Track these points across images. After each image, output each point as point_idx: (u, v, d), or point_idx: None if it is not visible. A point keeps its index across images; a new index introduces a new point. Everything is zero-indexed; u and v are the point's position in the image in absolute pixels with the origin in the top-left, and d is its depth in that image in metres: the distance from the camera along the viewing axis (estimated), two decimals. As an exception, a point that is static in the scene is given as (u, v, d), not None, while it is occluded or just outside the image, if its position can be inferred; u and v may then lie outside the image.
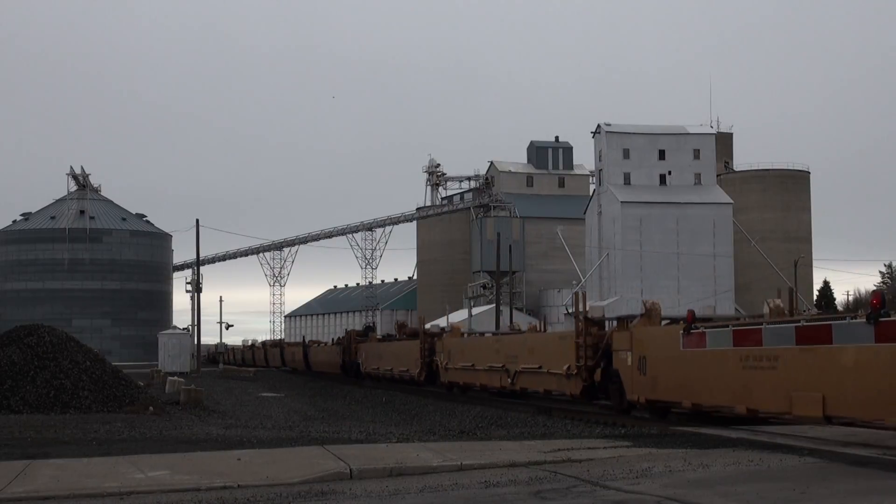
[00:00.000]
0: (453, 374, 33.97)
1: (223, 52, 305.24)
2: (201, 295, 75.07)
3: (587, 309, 24.24)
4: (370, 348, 48.37)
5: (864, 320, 14.01)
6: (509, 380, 28.65)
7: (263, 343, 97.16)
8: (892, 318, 13.63)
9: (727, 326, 18.01)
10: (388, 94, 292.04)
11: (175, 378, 39.52)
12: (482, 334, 37.18)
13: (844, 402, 14.54)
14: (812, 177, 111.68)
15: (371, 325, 79.31)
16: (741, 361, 17.03)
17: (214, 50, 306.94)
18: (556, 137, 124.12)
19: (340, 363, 52.38)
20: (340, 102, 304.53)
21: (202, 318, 74.94)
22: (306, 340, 75.46)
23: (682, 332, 19.16)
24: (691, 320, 18.89)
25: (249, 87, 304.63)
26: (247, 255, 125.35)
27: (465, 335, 36.84)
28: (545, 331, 33.24)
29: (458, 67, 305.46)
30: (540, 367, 26.54)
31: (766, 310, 18.20)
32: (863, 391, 14.13)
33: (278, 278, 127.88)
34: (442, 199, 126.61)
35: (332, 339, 65.59)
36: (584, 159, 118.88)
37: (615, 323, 23.60)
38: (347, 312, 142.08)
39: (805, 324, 15.61)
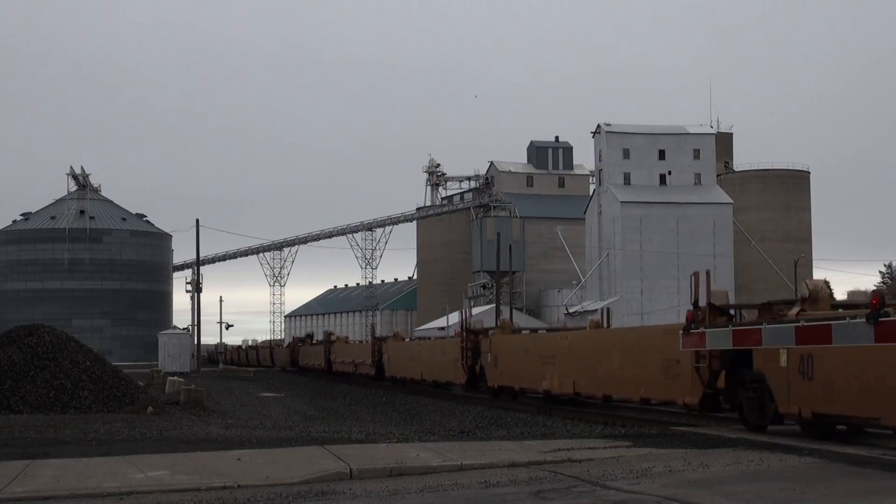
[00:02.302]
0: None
1: (224, 51, 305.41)
2: (201, 295, 75.15)
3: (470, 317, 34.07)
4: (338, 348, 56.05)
5: (864, 320, 14.01)
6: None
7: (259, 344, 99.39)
8: (892, 319, 13.63)
9: (728, 327, 17.99)
10: (389, 94, 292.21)
11: (175, 378, 39.52)
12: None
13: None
14: (812, 177, 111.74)
15: (310, 333, 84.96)
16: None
17: (215, 50, 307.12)
18: (556, 137, 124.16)
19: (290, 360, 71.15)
20: (340, 102, 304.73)
21: (202, 318, 75.03)
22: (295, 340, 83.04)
23: (680, 331, 19.17)
24: (691, 320, 18.93)
25: (250, 87, 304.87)
26: (247, 255, 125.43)
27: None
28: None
29: (459, 67, 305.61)
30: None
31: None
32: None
33: (278, 278, 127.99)
34: (442, 199, 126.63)
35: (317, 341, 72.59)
36: (584, 159, 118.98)
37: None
38: (347, 312, 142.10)
39: (804, 324, 15.59)
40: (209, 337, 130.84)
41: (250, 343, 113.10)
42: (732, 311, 18.84)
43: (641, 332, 24.08)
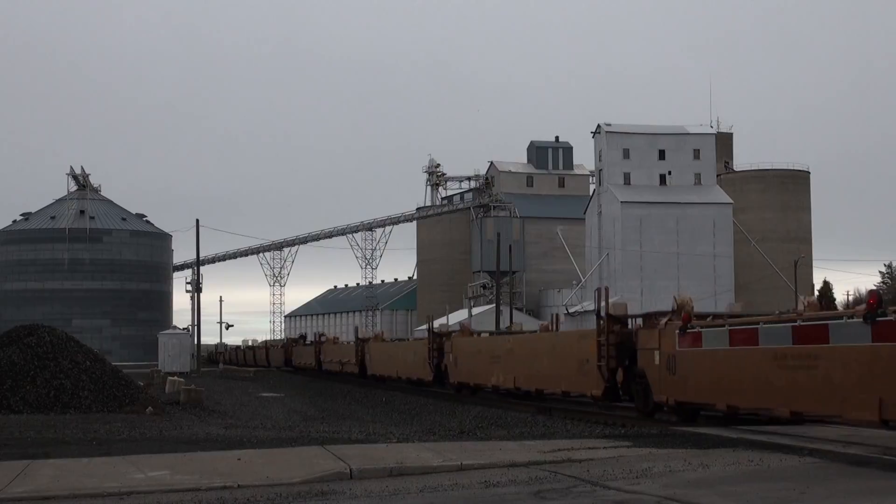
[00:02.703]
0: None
1: (224, 52, 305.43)
2: (201, 295, 75.21)
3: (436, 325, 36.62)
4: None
5: (861, 320, 14.02)
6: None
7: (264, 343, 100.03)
8: (889, 318, 13.65)
9: (723, 326, 18.06)
10: (389, 94, 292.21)
11: (175, 378, 39.51)
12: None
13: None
14: (812, 177, 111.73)
15: (303, 334, 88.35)
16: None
17: (215, 50, 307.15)
18: (556, 137, 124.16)
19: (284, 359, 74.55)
20: (341, 102, 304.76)
21: (202, 318, 75.08)
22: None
23: (677, 331, 19.32)
24: (687, 320, 19.04)
25: (250, 87, 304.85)
26: (247, 255, 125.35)
27: None
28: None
29: (459, 67, 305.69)
30: None
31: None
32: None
33: (278, 278, 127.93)
34: (442, 199, 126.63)
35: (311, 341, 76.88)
36: (584, 159, 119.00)
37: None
38: (347, 312, 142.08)
39: (802, 323, 15.61)
40: (209, 337, 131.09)
41: (250, 343, 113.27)
42: (629, 320, 22.33)
43: (563, 336, 27.52)
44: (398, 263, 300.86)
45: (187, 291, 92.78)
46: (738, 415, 18.14)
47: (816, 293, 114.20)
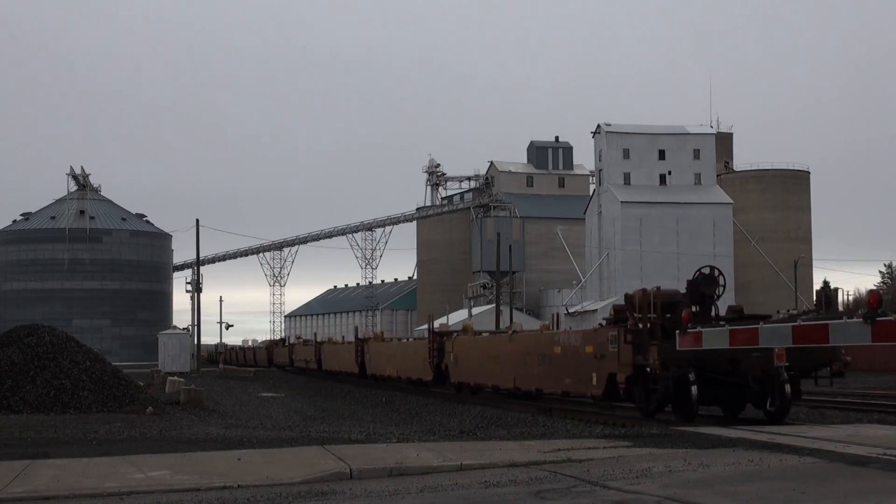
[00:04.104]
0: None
1: (224, 51, 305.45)
2: (201, 295, 75.17)
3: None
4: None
5: (862, 320, 14.02)
6: None
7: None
8: (889, 318, 13.64)
9: (724, 326, 18.07)
10: (389, 95, 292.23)
11: (175, 378, 39.52)
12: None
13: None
14: (812, 177, 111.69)
15: (284, 338, 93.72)
16: None
17: (215, 50, 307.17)
18: (556, 137, 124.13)
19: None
20: (341, 102, 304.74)
21: (202, 318, 75.06)
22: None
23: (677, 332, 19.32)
24: (688, 320, 19.02)
25: (250, 87, 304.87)
26: (247, 255, 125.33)
27: None
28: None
29: (459, 67, 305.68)
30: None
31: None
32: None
33: (278, 278, 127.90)
34: (442, 199, 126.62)
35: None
36: (584, 159, 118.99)
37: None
38: (347, 312, 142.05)
39: (802, 323, 15.62)
40: (209, 337, 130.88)
41: (250, 343, 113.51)
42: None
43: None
44: (398, 263, 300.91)
45: (187, 291, 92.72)
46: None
47: (816, 293, 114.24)
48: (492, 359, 30.24)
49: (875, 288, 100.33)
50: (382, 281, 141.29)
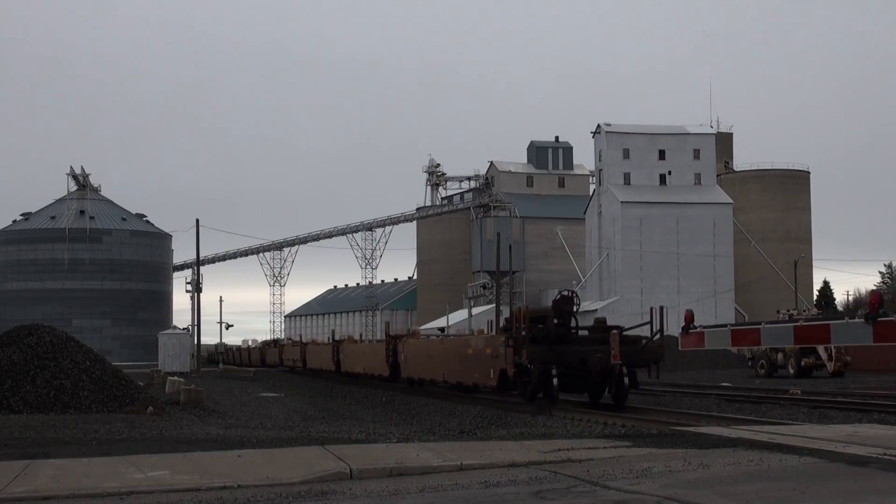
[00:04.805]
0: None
1: (224, 52, 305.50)
2: (201, 295, 75.15)
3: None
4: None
5: (863, 320, 14.02)
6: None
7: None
8: (890, 319, 13.64)
9: (724, 326, 18.09)
10: (389, 95, 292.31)
11: (175, 378, 39.51)
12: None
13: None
14: (812, 177, 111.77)
15: (279, 338, 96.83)
16: None
17: (215, 50, 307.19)
18: (556, 137, 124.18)
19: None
20: (341, 102, 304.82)
21: (202, 318, 75.05)
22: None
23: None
24: (689, 320, 19.06)
25: (250, 87, 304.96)
26: (247, 255, 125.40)
27: None
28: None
29: (458, 67, 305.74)
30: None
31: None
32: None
33: (278, 278, 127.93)
34: (442, 199, 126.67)
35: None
36: (584, 159, 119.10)
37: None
38: (347, 312, 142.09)
39: (803, 324, 15.63)
40: (209, 337, 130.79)
41: (250, 343, 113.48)
42: None
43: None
44: (398, 263, 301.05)
45: (187, 291, 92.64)
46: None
47: (816, 293, 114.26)
48: (430, 357, 35.93)
49: (876, 288, 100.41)
50: (382, 281, 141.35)
